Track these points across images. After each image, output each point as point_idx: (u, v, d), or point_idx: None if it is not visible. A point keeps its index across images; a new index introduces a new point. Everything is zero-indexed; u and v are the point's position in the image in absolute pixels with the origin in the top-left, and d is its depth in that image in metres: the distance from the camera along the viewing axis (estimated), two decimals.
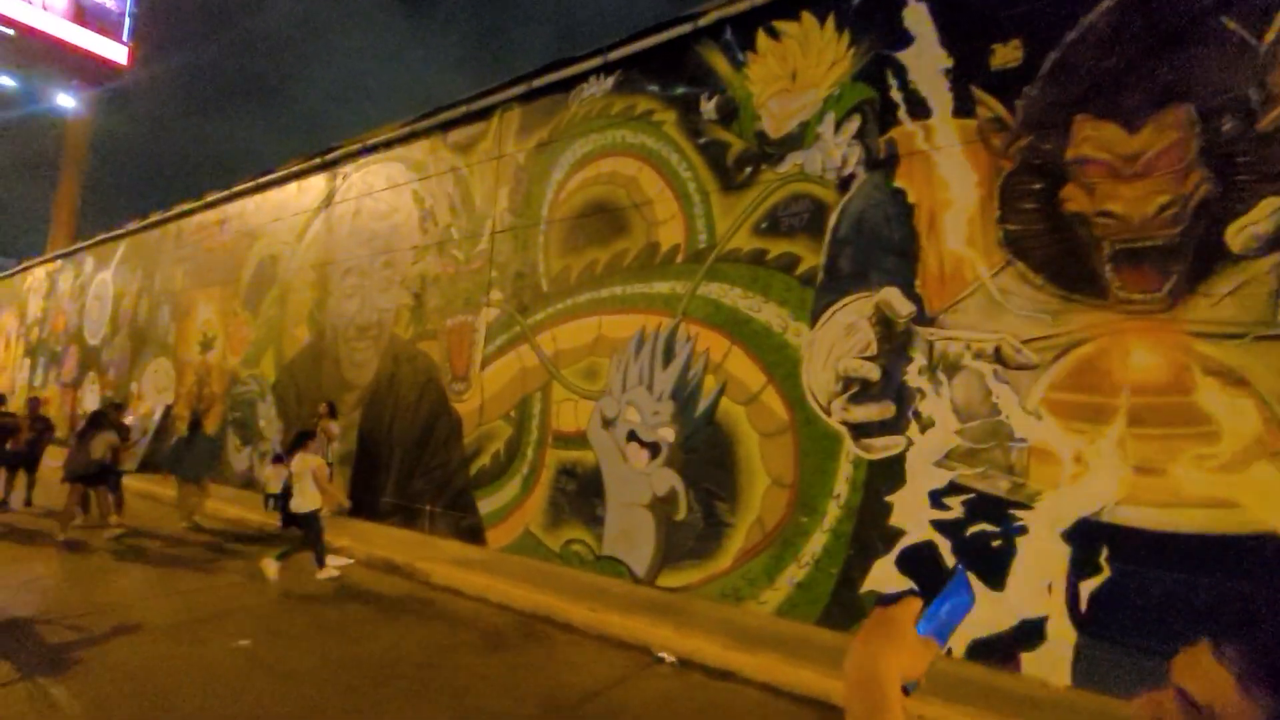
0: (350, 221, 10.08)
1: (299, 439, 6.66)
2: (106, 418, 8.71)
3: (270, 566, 6.22)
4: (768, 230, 5.83)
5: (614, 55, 7.09)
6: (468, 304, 8.21)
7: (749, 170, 6.03)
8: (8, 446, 9.02)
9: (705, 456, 5.95)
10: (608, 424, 6.66)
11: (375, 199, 9.73)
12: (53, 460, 9.53)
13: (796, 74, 5.85)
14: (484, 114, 8.41)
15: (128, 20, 38.09)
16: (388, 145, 9.68)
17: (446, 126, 8.86)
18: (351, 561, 7.09)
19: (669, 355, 6.33)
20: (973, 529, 4.59)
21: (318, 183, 10.87)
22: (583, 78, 7.43)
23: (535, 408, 7.32)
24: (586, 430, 6.83)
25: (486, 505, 7.60)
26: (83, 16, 36.05)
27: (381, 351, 9.22)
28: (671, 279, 6.41)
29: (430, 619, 5.46)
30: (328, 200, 10.56)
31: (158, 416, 13.32)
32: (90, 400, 16.43)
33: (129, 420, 13.58)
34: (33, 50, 34.71)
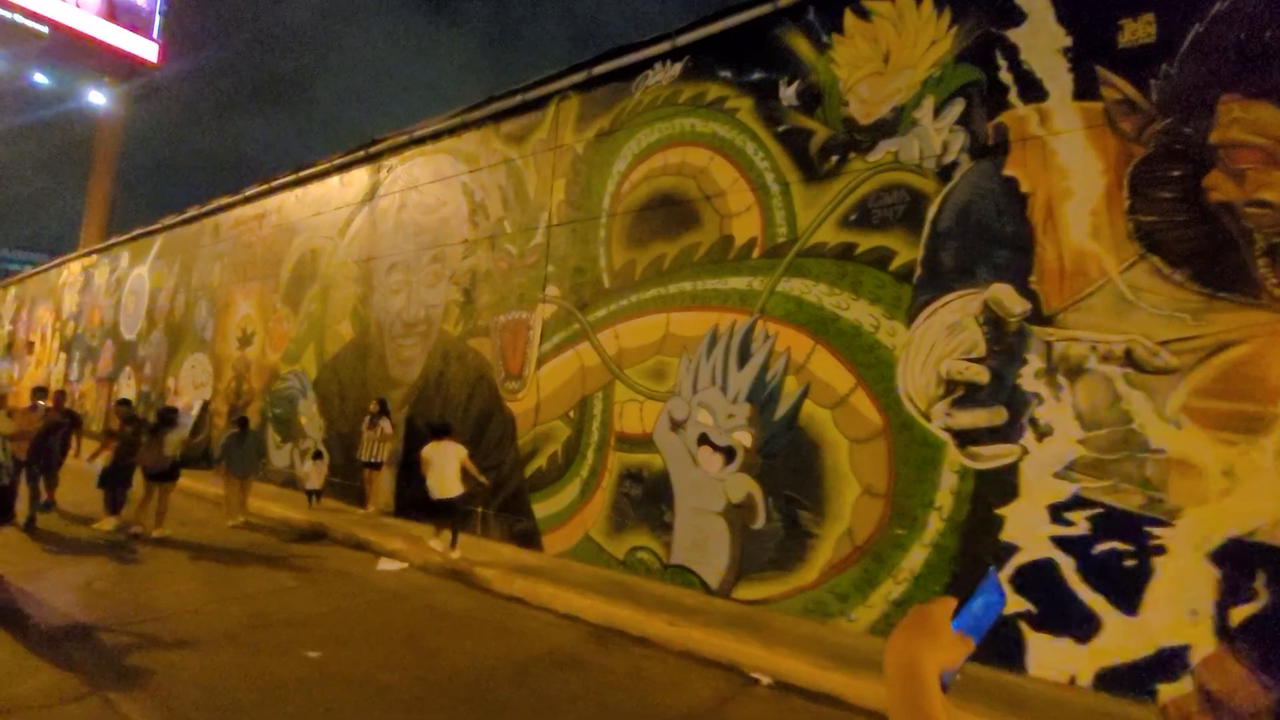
0: (395, 215, 9.86)
1: (440, 430, 7.16)
2: (177, 414, 8.46)
3: (437, 546, 6.94)
4: (857, 223, 5.49)
5: (683, 40, 6.77)
6: (522, 300, 7.94)
7: (835, 159, 5.69)
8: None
9: (787, 462, 5.61)
10: (676, 426, 6.35)
11: (421, 192, 9.50)
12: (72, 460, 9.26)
13: (889, 56, 5.49)
14: (539, 103, 8.13)
15: (158, 18, 38.45)
16: (435, 137, 9.44)
17: (499, 117, 8.59)
18: (406, 565, 6.85)
19: (745, 355, 6.00)
20: (1101, 547, 4.21)
21: (360, 176, 10.67)
22: (647, 64, 7.12)
23: (596, 408, 7.02)
24: (653, 433, 6.52)
25: (543, 509, 7.32)
26: (114, 14, 36.41)
27: (429, 348, 8.99)
28: (747, 274, 6.08)
29: (501, 630, 5.19)
30: (371, 194, 10.35)
31: (195, 412, 13.24)
32: (126, 393, 16.44)
33: (189, 415, 13.44)
34: (66, 48, 35.11)
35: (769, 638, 4.85)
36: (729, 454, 5.98)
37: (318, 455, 9.92)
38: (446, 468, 6.92)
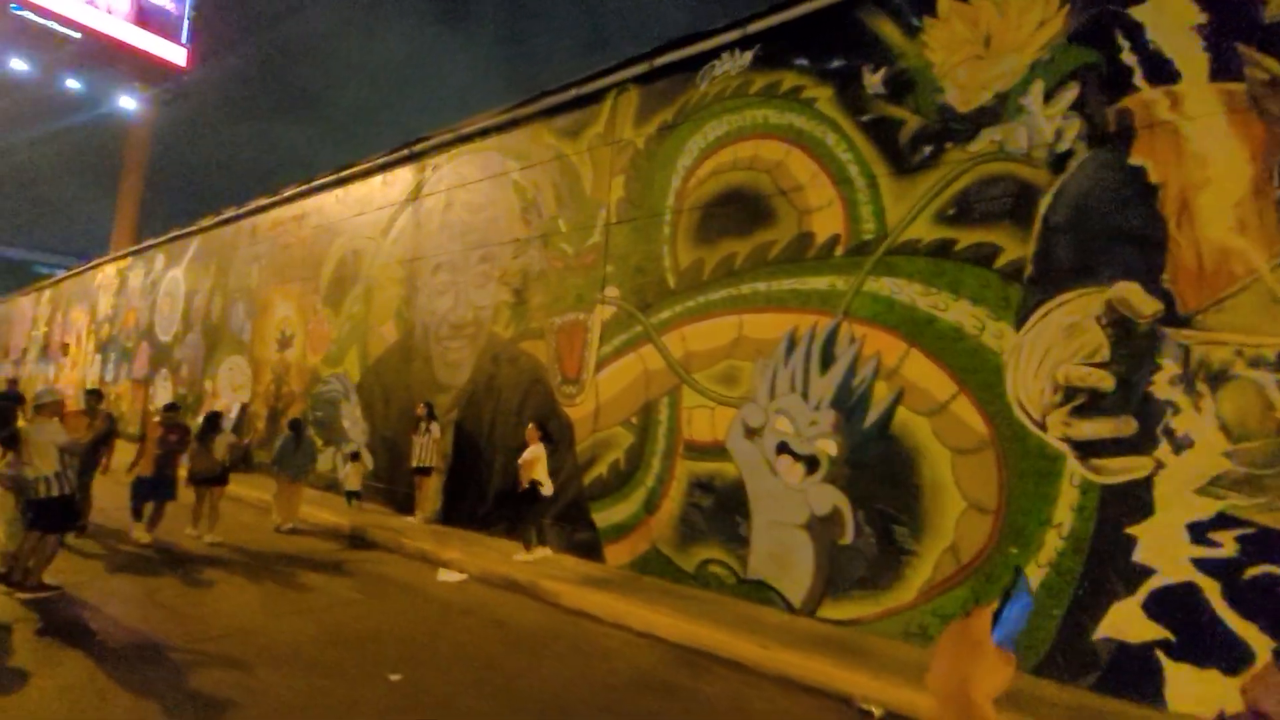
0: (441, 215, 9.64)
1: (546, 434, 7.22)
2: (221, 418, 8.27)
3: (536, 554, 6.97)
4: (956, 218, 5.13)
5: (754, 28, 6.45)
6: (579, 301, 7.67)
7: (929, 150, 5.34)
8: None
9: (878, 473, 5.28)
10: (752, 434, 6.04)
11: (469, 190, 9.28)
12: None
13: (990, 39, 5.13)
14: (595, 97, 7.86)
15: (186, 22, 38.86)
16: (483, 134, 9.21)
17: (551, 112, 8.33)
18: (465, 576, 6.61)
19: (828, 359, 5.67)
20: (1253, 571, 3.84)
21: (404, 175, 10.48)
22: (713, 54, 6.81)
23: (662, 414, 6.73)
24: (725, 440, 6.21)
25: (605, 519, 7.04)
26: (144, 18, 36.83)
27: (479, 351, 8.76)
28: (829, 274, 5.75)
29: (579, 650, 4.91)
30: (415, 193, 10.15)
31: (234, 415, 13.15)
32: (162, 396, 16.46)
33: (229, 418, 13.22)
34: (97, 53, 35.58)
35: (872, 663, 4.52)
36: (811, 463, 5.65)
37: (354, 456, 9.83)
38: (543, 470, 7.09)
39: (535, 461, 6.99)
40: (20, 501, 5.40)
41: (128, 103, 38.30)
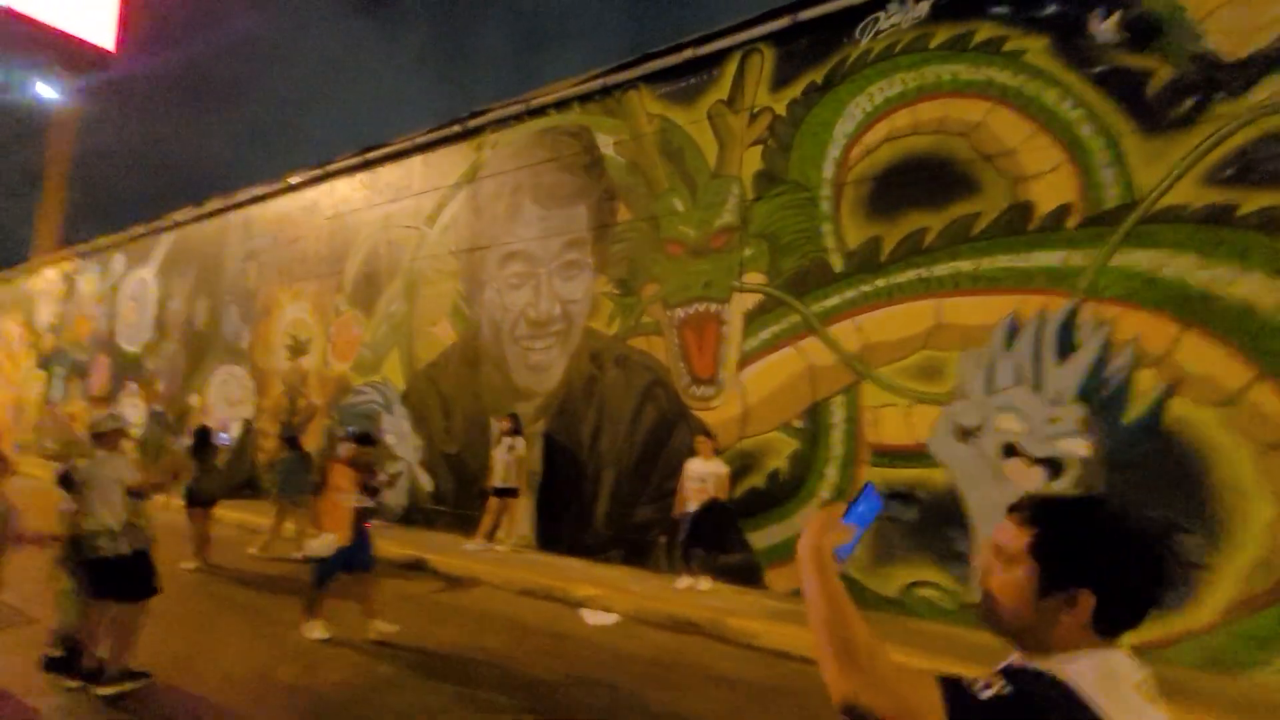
0: (509, 197, 8.48)
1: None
2: (212, 433, 7.58)
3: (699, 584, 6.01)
4: (1234, 179, 4.48)
5: None
6: (708, 289, 6.72)
7: (1189, 104, 4.67)
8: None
9: (1151, 476, 4.56)
10: (966, 435, 5.24)
11: (545, 169, 8.16)
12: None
13: None
14: (715, 59, 6.92)
15: (116, 5, 35.51)
16: (561, 105, 8.12)
17: (655, 78, 7.34)
18: (617, 616, 5.55)
19: (1067, 345, 4.93)
20: None
21: (452, 155, 9.24)
22: (875, 5, 6.00)
23: (836, 415, 5.86)
24: (929, 443, 5.40)
25: (764, 538, 6.11)
26: None
27: (571, 351, 7.66)
28: (1060, 248, 5.01)
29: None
30: (472, 175, 8.94)
31: (234, 433, 11.51)
32: (129, 414, 14.45)
33: (222, 434, 11.76)
34: (14, 35, 31.99)
35: (1175, 695, 3.79)
36: (1053, 467, 4.90)
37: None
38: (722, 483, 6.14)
39: (727, 476, 6.00)
40: (74, 561, 4.04)
41: (47, 91, 34.64)
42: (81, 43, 34.23)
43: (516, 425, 7.61)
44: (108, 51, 35.83)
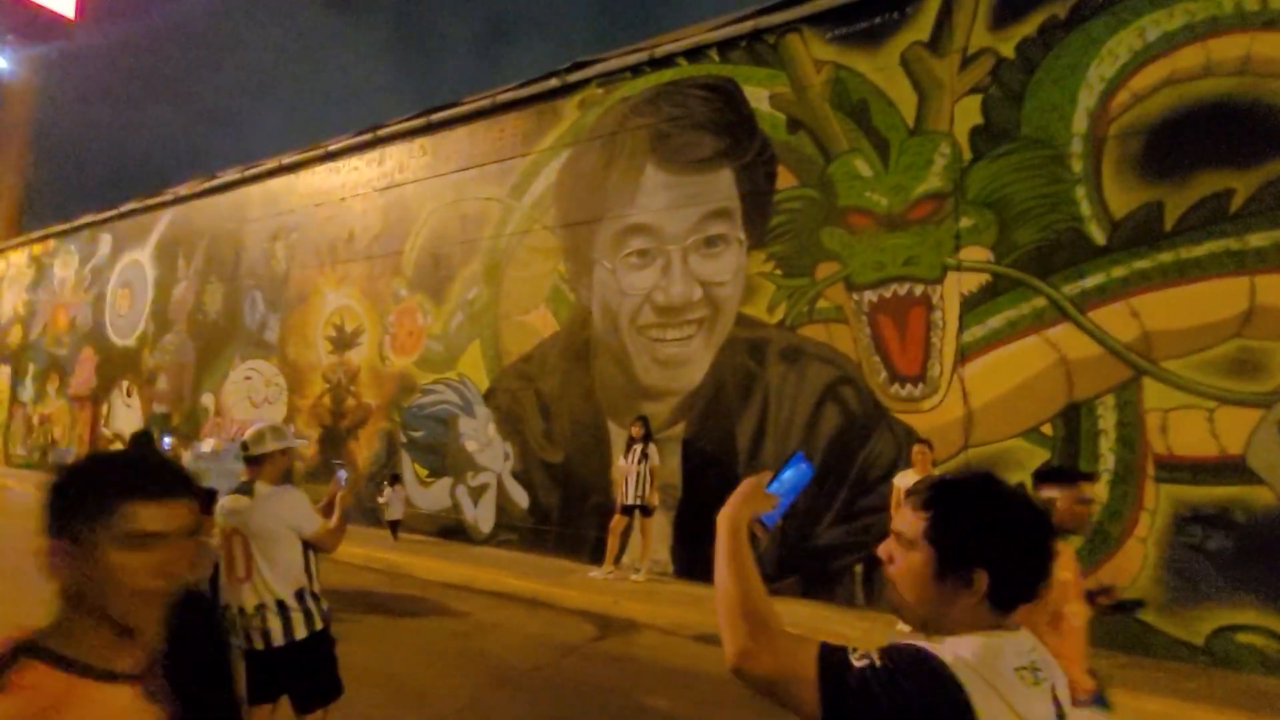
0: (625, 161, 7.22)
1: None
2: (155, 440, 6.18)
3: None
4: None
5: None
6: (911, 267, 5.60)
7: None
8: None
9: None
10: None
11: (674, 128, 6.93)
12: None
13: None
14: None
15: None
16: (694, 53, 6.90)
17: (822, 19, 6.19)
18: None
19: None
20: None
21: (545, 115, 7.93)
22: None
23: (1105, 420, 4.81)
24: (1246, 454, 4.38)
25: None
26: None
27: (717, 342, 6.47)
28: None
29: None
30: (574, 137, 7.65)
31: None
32: (122, 416, 12.74)
33: (209, 444, 10.41)
34: None
35: None
36: None
37: (395, 479, 7.96)
38: None
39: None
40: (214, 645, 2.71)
41: (0, 61, 31.73)
42: (39, 8, 31.51)
43: (648, 431, 6.39)
44: (67, 19, 33.13)
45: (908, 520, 0.97)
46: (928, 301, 5.51)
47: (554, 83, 7.78)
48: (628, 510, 6.36)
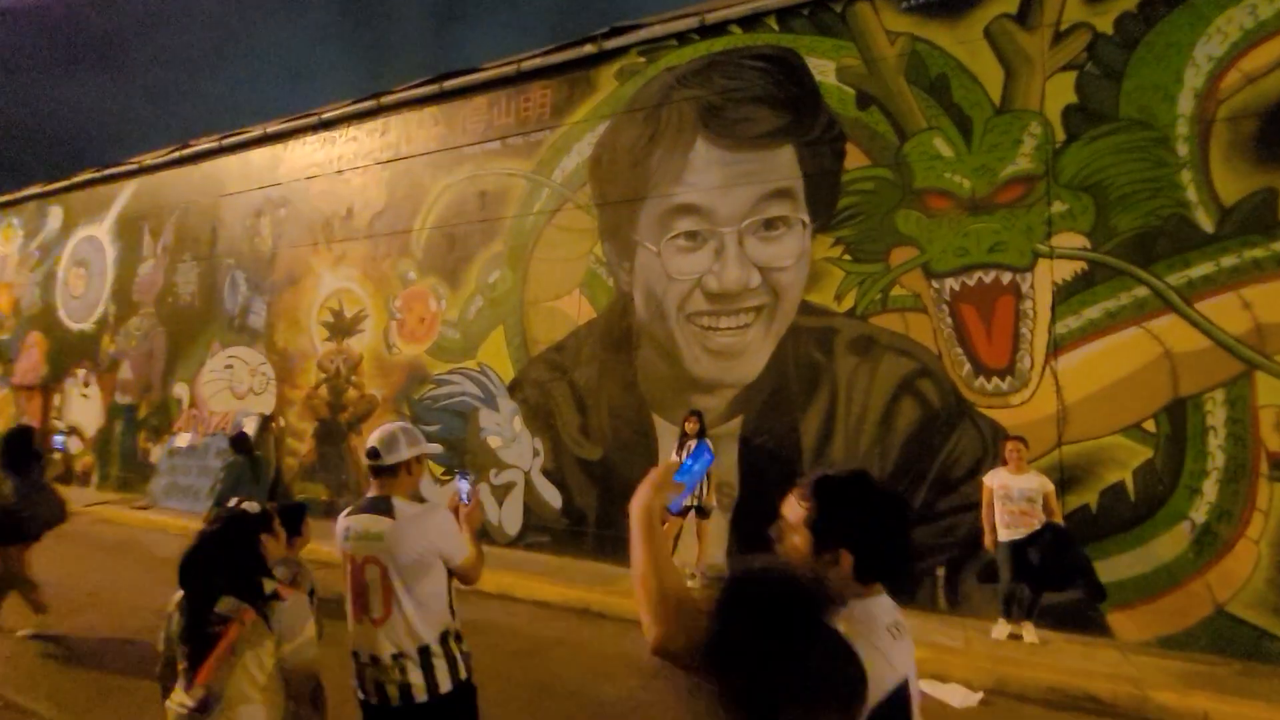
0: (670, 137, 6.71)
1: None
2: (35, 436, 5.01)
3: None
4: None
5: None
6: (997, 254, 5.29)
7: None
8: None
9: None
10: None
11: (726, 102, 6.45)
12: None
13: None
14: None
15: None
16: (750, 21, 6.42)
17: None
18: (981, 693, 4.08)
19: None
20: None
21: (579, 83, 7.34)
22: None
23: (1214, 416, 4.59)
24: None
25: (1105, 571, 4.76)
26: None
27: (777, 331, 6.05)
28: None
29: None
30: (611, 109, 7.09)
31: (251, 429, 9.11)
32: (79, 408, 11.60)
33: (185, 438, 9.61)
34: None
35: None
36: None
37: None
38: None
39: (1054, 493, 4.61)
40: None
41: None
42: None
43: (703, 426, 5.95)
44: None
45: (792, 509, 1.16)
46: (1016, 290, 5.21)
47: (589, 49, 7.19)
48: (683, 511, 5.91)
